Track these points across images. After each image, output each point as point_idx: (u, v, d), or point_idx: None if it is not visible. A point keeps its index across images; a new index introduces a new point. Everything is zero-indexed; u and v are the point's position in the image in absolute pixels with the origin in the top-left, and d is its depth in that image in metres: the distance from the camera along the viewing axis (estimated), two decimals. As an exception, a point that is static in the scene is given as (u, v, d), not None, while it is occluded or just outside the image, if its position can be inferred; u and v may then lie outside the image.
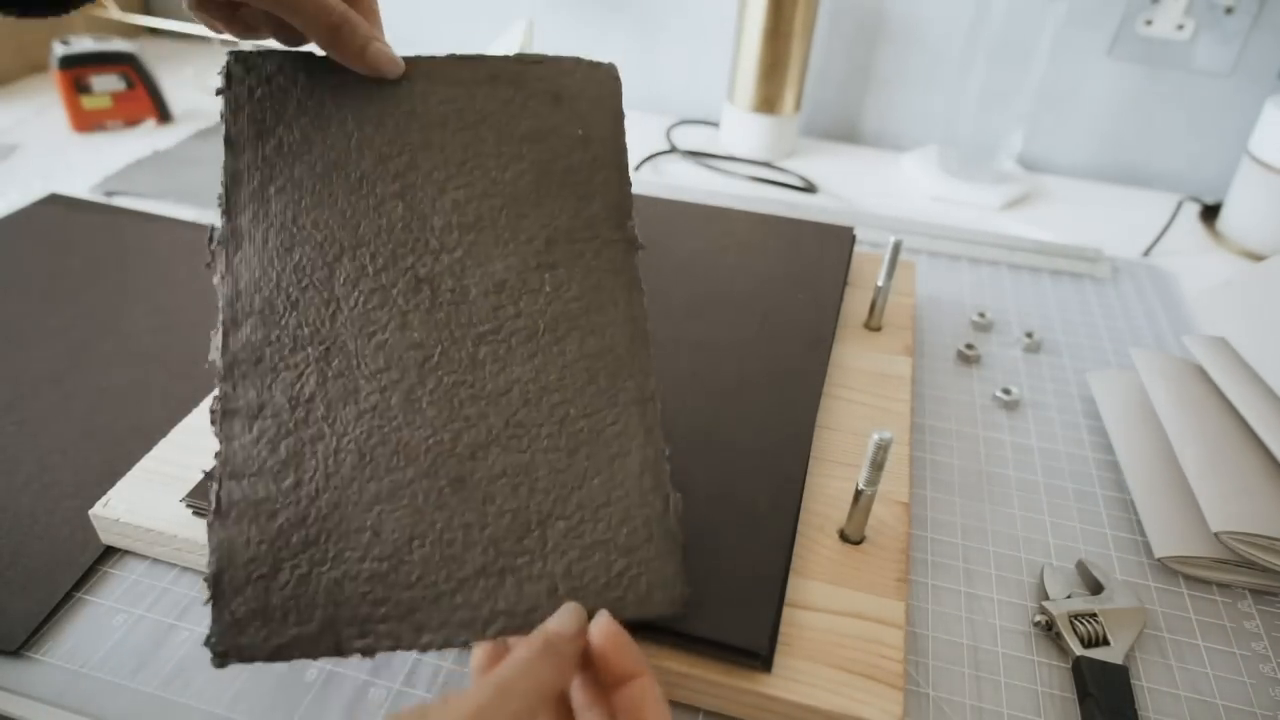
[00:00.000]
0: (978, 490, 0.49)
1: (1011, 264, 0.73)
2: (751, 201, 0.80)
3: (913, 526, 0.46)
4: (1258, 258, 0.77)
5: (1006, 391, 0.56)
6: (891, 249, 0.54)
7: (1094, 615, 0.40)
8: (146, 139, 0.86)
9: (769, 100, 0.87)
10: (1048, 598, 0.42)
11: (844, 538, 0.42)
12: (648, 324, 0.37)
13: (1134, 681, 0.39)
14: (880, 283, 0.55)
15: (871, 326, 0.57)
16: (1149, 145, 0.91)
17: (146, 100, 0.88)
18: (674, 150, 0.91)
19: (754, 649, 0.35)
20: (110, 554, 0.43)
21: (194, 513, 0.41)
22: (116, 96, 0.87)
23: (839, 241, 0.62)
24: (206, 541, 0.31)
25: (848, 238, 0.62)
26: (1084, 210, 0.85)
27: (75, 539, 0.43)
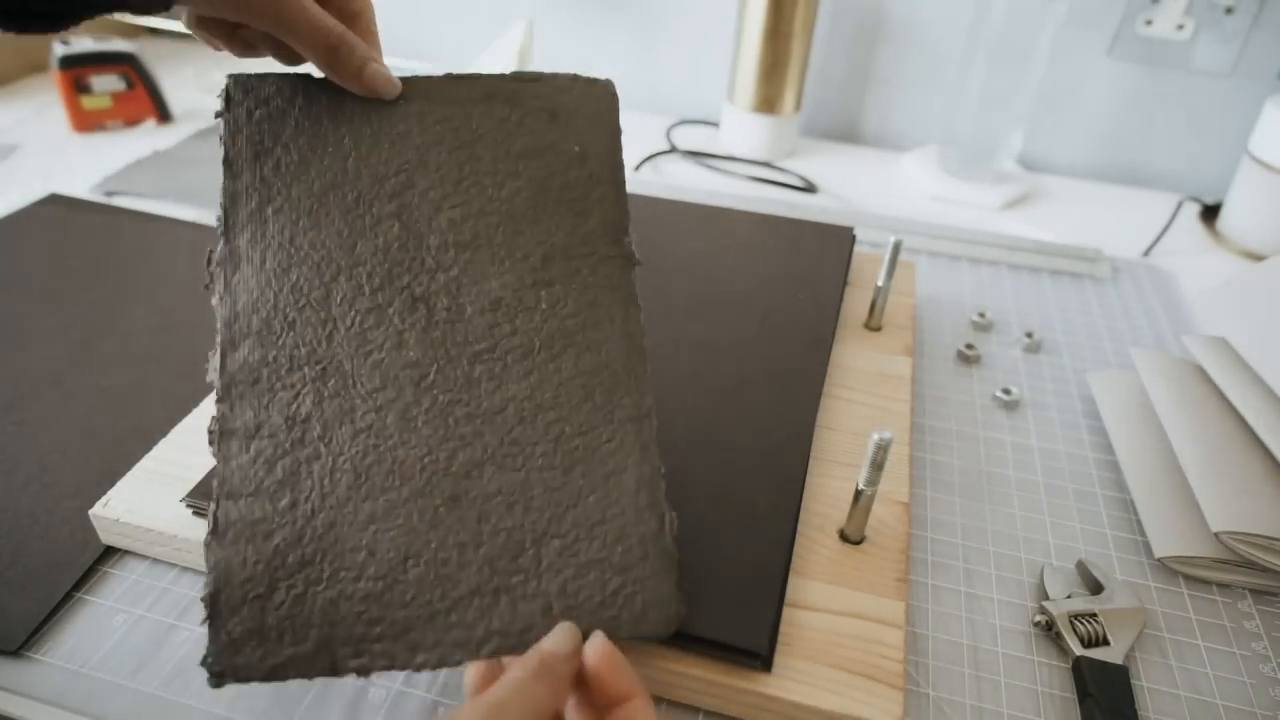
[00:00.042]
0: (978, 490, 0.49)
1: (1011, 264, 0.73)
2: (751, 201, 0.80)
3: (913, 526, 0.47)
4: (1258, 258, 0.77)
5: (1006, 391, 0.56)
6: (891, 249, 0.54)
7: (1094, 615, 0.40)
8: (146, 139, 0.86)
9: (769, 100, 0.87)
10: (1048, 598, 0.42)
11: (844, 538, 0.42)
12: (644, 340, 0.37)
13: (1134, 681, 0.39)
14: (880, 283, 0.55)
15: (871, 326, 0.57)
16: (1149, 145, 0.91)
17: (146, 100, 0.88)
18: (674, 150, 0.91)
19: (754, 649, 0.35)
20: (110, 554, 0.43)
21: (194, 513, 0.41)
22: (116, 96, 0.87)
23: (839, 241, 0.62)
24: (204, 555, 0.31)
25: (848, 238, 0.62)
26: (1084, 210, 0.85)
27: (75, 539, 0.43)
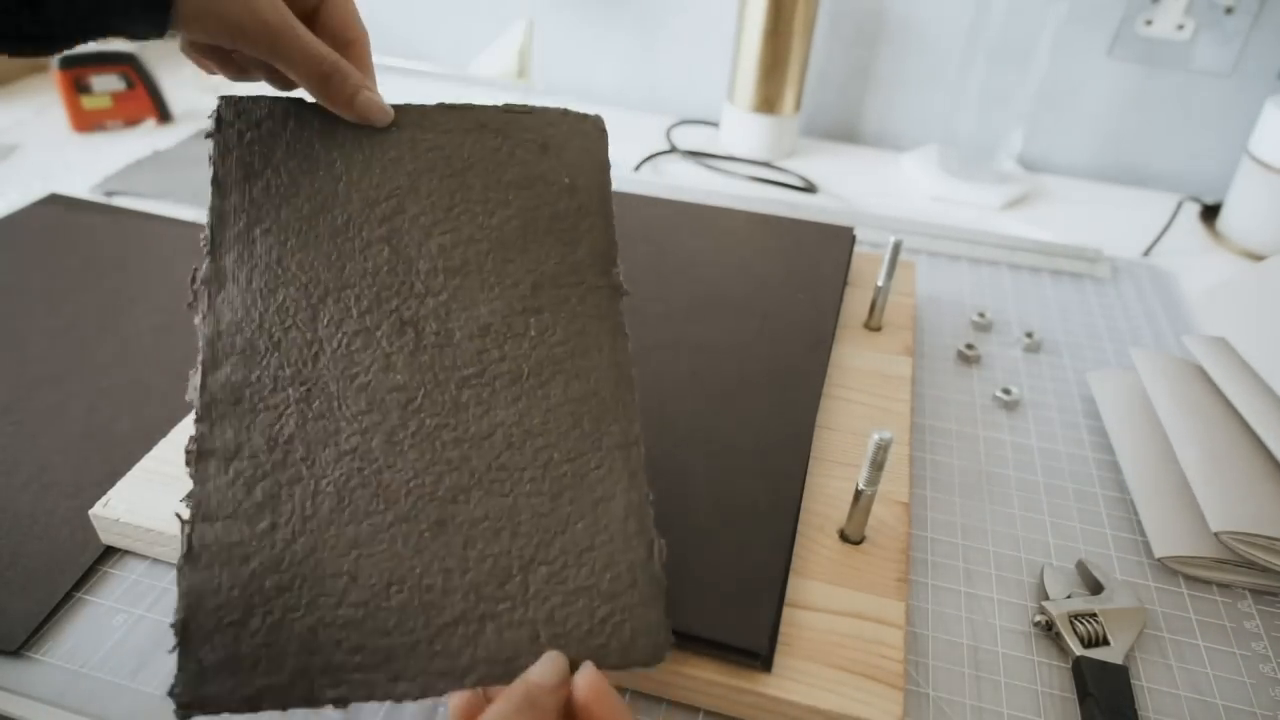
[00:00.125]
0: (978, 490, 0.49)
1: (1011, 264, 0.73)
2: (751, 201, 0.80)
3: (913, 526, 0.47)
4: (1258, 258, 0.77)
5: (1006, 391, 0.56)
6: (891, 249, 0.54)
7: (1094, 615, 0.40)
8: (146, 139, 0.86)
9: (769, 100, 0.87)
10: (1048, 598, 0.42)
11: (844, 538, 0.42)
12: (633, 370, 0.37)
13: (1134, 681, 0.39)
14: (880, 283, 0.55)
15: (871, 326, 0.57)
16: (1149, 145, 0.91)
17: (146, 100, 0.88)
18: (674, 150, 0.91)
19: (754, 649, 0.35)
20: (110, 554, 0.43)
21: (194, 513, 0.41)
22: (116, 96, 0.87)
23: (839, 241, 0.62)
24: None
25: (848, 238, 0.62)
26: (1084, 210, 0.85)
27: (75, 539, 0.43)
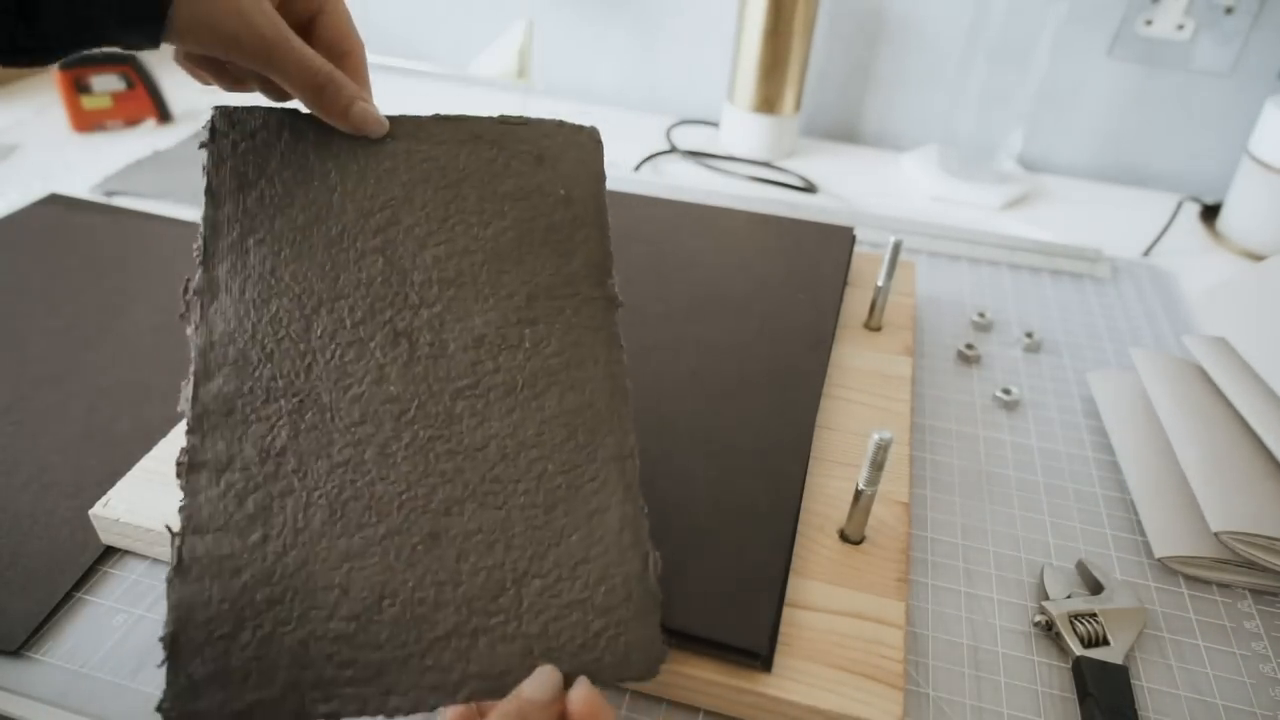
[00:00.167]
0: (978, 490, 0.49)
1: (1011, 264, 0.73)
2: (751, 201, 0.80)
3: (913, 526, 0.46)
4: (1258, 258, 0.77)
5: (1006, 391, 0.56)
6: (891, 249, 0.54)
7: (1094, 615, 0.40)
8: (146, 139, 0.86)
9: (769, 100, 0.87)
10: (1048, 598, 0.42)
11: (844, 538, 0.42)
12: (628, 381, 0.37)
13: (1134, 681, 0.39)
14: (880, 283, 0.55)
15: (871, 326, 0.57)
16: (1149, 145, 0.91)
17: (146, 100, 0.88)
18: (674, 150, 0.91)
19: (754, 649, 0.35)
20: (110, 554, 0.43)
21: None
22: (116, 96, 0.87)
23: (839, 241, 0.62)
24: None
25: (848, 238, 0.62)
26: (1084, 210, 0.85)
27: (75, 539, 0.43)
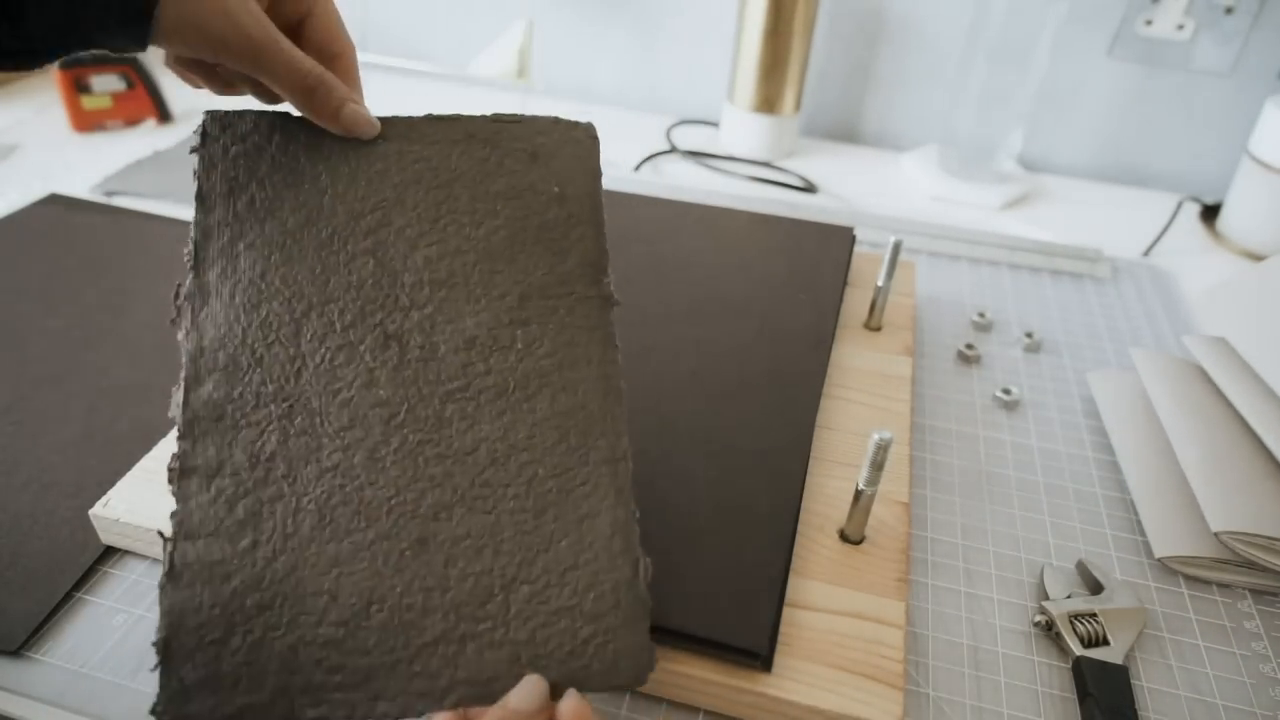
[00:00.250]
0: (978, 490, 0.49)
1: (1011, 264, 0.73)
2: (751, 201, 0.80)
3: (913, 526, 0.46)
4: (1258, 258, 0.77)
5: (1006, 391, 0.56)
6: (891, 249, 0.54)
7: (1094, 615, 0.40)
8: (146, 139, 0.86)
9: (769, 100, 0.87)
10: (1048, 598, 0.42)
11: (844, 538, 0.42)
12: (622, 382, 0.36)
13: (1134, 681, 0.39)
14: (880, 283, 0.55)
15: (871, 326, 0.57)
16: (1149, 145, 0.91)
17: (146, 100, 0.88)
18: (674, 150, 0.91)
19: (754, 649, 0.35)
20: (110, 554, 0.43)
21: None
22: (116, 96, 0.87)
23: (839, 241, 0.62)
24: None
25: (848, 238, 0.62)
26: (1084, 210, 0.85)
27: (75, 539, 0.43)
